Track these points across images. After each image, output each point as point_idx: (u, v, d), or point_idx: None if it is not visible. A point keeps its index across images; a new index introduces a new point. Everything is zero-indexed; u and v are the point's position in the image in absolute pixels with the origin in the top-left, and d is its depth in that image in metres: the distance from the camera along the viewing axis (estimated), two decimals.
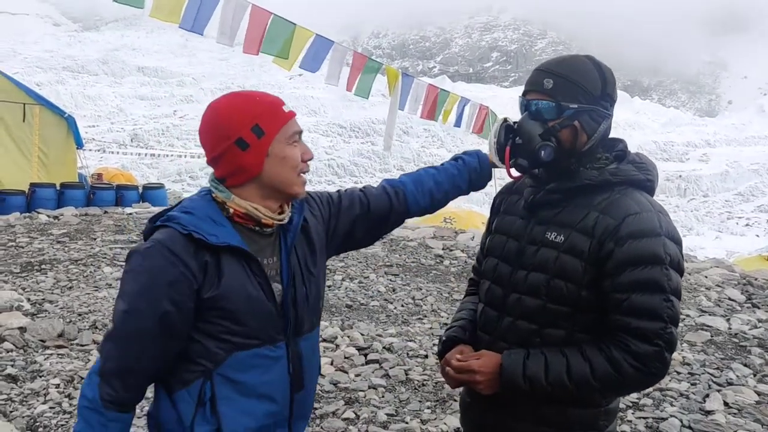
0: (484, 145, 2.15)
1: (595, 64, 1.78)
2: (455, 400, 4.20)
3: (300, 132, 1.65)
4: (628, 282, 1.63)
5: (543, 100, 1.74)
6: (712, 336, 5.82)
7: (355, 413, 4.09)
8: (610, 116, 1.79)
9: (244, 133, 1.55)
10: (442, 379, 3.67)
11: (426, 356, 5.05)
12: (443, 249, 9.24)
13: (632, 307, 1.63)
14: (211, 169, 1.66)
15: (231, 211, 1.59)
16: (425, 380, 4.64)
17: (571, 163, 1.77)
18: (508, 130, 1.81)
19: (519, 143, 1.77)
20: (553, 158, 1.72)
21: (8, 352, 4.74)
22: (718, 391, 4.57)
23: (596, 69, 1.76)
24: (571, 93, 1.71)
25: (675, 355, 5.16)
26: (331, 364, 4.80)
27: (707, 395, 4.49)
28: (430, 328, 5.82)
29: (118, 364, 1.54)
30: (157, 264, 1.50)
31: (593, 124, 1.74)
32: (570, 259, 1.70)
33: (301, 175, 1.64)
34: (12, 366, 4.48)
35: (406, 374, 4.71)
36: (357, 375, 4.67)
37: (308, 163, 1.66)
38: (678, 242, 1.70)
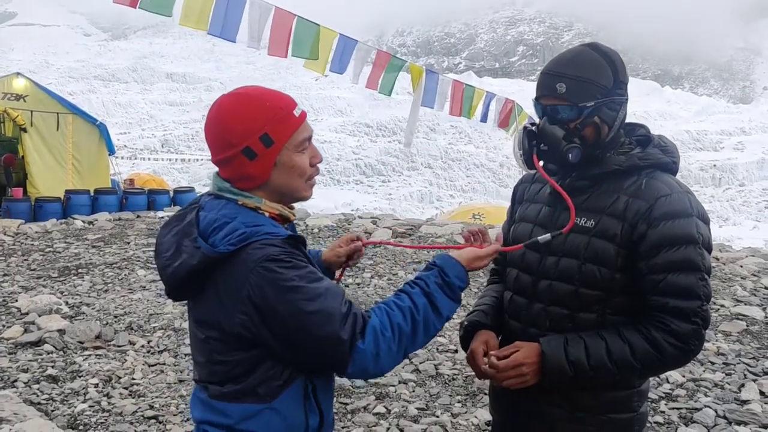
0: (511, 141, 2.12)
1: (602, 54, 1.76)
2: (485, 394, 4.21)
3: (310, 136, 1.59)
4: (663, 263, 1.66)
5: (559, 105, 1.73)
6: (747, 326, 5.72)
7: (386, 408, 4.12)
8: (626, 100, 1.78)
9: (251, 142, 1.48)
10: (473, 373, 3.67)
11: (456, 351, 5.05)
12: None
13: (669, 287, 1.65)
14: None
15: (267, 214, 1.55)
16: (455, 374, 4.65)
17: (596, 152, 1.77)
18: (530, 136, 1.80)
19: (545, 149, 1.77)
20: (581, 157, 1.73)
21: (49, 353, 4.88)
22: (754, 380, 4.49)
23: (604, 59, 1.75)
24: (586, 92, 1.70)
25: (709, 345, 5.09)
26: None
27: (742, 385, 4.42)
28: (460, 323, 5.81)
29: (355, 320, 1.46)
30: (294, 253, 1.47)
31: (612, 114, 1.75)
32: (602, 243, 1.72)
33: (310, 179, 1.60)
34: (52, 367, 4.62)
35: (436, 369, 4.73)
36: None
37: (317, 166, 1.61)
38: (707, 222, 1.73)
